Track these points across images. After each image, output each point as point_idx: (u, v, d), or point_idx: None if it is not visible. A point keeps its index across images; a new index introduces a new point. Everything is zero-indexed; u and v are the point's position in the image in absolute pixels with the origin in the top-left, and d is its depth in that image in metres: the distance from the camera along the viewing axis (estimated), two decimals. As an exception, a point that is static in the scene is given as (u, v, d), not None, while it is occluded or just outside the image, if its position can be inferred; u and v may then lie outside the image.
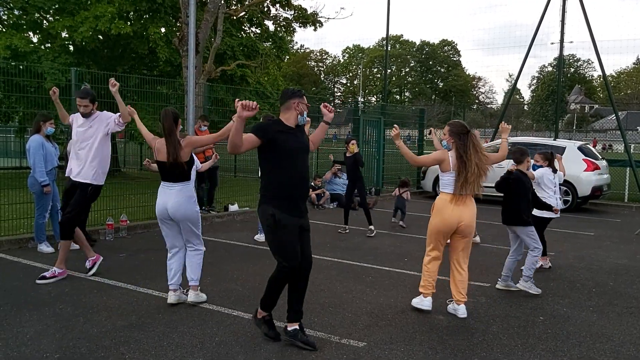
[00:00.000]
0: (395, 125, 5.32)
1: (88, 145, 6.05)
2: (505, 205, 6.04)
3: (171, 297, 5.21)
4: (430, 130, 5.94)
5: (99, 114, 6.13)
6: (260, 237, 8.28)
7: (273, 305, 4.39)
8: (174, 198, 5.08)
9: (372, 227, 9.21)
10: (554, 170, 7.00)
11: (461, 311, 5.11)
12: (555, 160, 7.14)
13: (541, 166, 6.99)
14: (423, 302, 5.26)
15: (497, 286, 6.10)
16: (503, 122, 5.96)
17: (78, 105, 6.04)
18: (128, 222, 8.58)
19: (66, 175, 6.27)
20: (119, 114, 6.06)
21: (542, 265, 6.98)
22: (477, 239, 8.38)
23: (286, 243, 4.17)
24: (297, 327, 4.33)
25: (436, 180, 14.70)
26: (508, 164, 6.65)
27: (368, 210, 9.35)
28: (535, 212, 6.61)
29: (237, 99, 4.18)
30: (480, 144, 5.13)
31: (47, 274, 5.92)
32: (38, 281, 5.79)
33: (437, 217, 5.13)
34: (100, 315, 4.83)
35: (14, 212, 8.06)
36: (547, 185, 6.87)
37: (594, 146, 24.88)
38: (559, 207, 6.79)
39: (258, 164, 4.42)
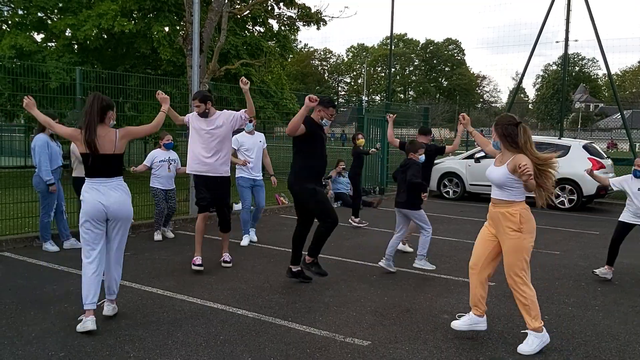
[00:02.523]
0: (462, 114, 5.33)
1: (212, 142, 6.30)
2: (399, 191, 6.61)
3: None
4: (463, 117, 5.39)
5: (210, 111, 6.30)
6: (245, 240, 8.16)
7: (318, 252, 5.92)
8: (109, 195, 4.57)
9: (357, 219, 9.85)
10: None
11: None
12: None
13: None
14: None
15: (381, 264, 6.62)
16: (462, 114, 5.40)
17: (194, 106, 6.32)
18: (133, 221, 8.57)
19: (203, 172, 6.38)
20: (244, 110, 6.29)
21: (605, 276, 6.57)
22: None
23: (327, 204, 5.86)
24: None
25: (441, 178, 14.65)
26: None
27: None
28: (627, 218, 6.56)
29: (309, 95, 5.48)
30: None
31: (227, 258, 6.71)
32: (224, 264, 6.62)
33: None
34: (105, 314, 4.83)
35: (19, 211, 8.09)
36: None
37: (610, 147, 24.80)
38: None
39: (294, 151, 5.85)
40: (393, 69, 74.34)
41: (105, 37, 15.47)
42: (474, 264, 4.59)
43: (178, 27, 15.30)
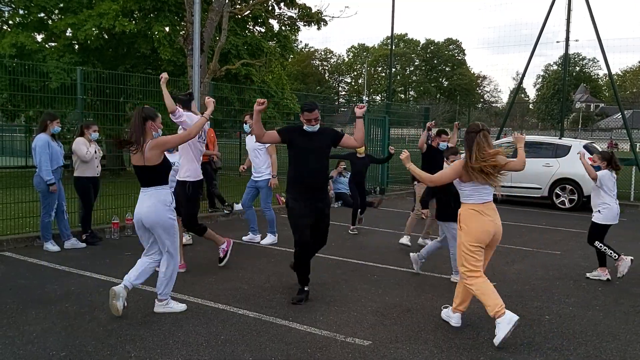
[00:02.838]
0: (404, 150, 5.06)
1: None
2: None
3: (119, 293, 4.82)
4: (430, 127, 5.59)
5: (179, 114, 6.19)
6: (254, 237, 8.21)
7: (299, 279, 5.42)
8: (143, 204, 4.79)
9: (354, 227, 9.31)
10: (616, 171, 6.55)
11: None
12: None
13: (599, 167, 6.53)
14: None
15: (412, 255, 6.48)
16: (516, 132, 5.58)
17: None
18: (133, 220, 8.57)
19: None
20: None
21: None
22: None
23: (298, 225, 5.30)
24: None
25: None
26: None
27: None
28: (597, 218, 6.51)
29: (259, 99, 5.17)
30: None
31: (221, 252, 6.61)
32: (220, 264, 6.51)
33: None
34: (106, 314, 4.84)
35: (20, 211, 8.09)
36: (610, 188, 6.47)
37: (610, 147, 24.78)
38: (618, 213, 6.55)
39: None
40: (394, 69, 74.25)
41: (106, 37, 15.48)
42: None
43: (178, 27, 15.31)
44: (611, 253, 6.46)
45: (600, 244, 6.51)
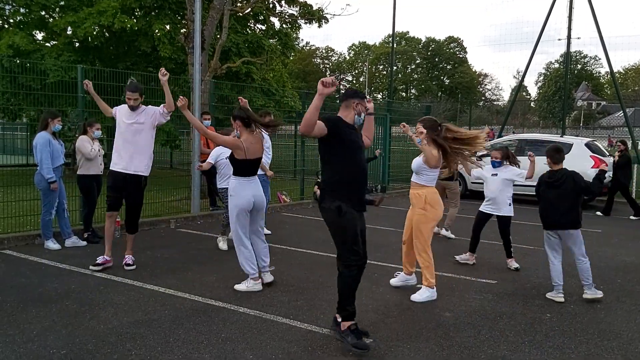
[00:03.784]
0: (402, 123, 5.50)
1: (133, 137, 6.17)
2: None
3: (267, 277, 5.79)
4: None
5: (145, 107, 6.24)
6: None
7: (345, 309, 4.32)
8: (259, 189, 5.64)
9: None
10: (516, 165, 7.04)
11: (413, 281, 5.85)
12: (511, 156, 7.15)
13: (500, 162, 6.99)
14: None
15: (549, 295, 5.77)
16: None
17: (127, 99, 6.14)
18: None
19: (111, 168, 6.29)
20: (163, 104, 6.19)
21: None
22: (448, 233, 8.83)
23: (350, 235, 4.23)
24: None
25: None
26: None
27: None
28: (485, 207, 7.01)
29: (322, 79, 3.95)
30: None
31: (129, 261, 6.37)
32: (91, 267, 6.20)
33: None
34: (107, 312, 4.84)
35: (21, 209, 8.09)
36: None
37: (610, 144, 24.73)
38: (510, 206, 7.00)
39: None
40: (395, 67, 74.27)
41: (107, 35, 15.47)
42: (405, 238, 5.86)
43: (179, 25, 15.29)
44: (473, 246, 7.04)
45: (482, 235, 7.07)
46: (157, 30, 14.38)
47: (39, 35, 16.16)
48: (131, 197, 6.28)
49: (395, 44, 22.34)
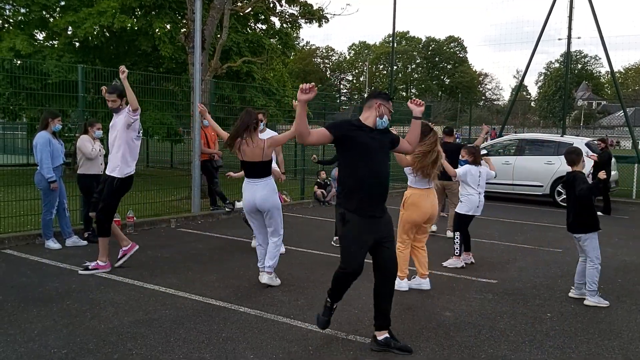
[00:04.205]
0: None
1: (113, 140, 6.20)
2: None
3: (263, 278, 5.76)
4: None
5: (123, 108, 6.20)
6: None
7: (335, 297, 4.42)
8: (259, 192, 5.62)
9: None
10: (477, 165, 6.98)
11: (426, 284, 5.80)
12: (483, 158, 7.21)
13: (467, 162, 6.99)
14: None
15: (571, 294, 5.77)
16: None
17: (107, 101, 6.15)
18: (135, 218, 8.59)
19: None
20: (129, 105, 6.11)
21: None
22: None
23: (349, 244, 4.06)
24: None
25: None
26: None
27: None
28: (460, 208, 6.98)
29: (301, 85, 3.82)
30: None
31: (90, 265, 6.15)
32: (81, 271, 6.06)
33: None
34: (107, 311, 4.85)
35: (21, 209, 8.10)
36: (473, 181, 6.88)
37: (609, 144, 24.76)
38: (481, 205, 6.96)
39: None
40: (395, 67, 74.29)
41: (107, 34, 15.46)
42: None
43: (180, 25, 15.29)
44: (457, 248, 6.87)
45: (458, 235, 6.90)
46: (157, 30, 14.37)
47: (40, 36, 16.14)
48: (103, 197, 6.20)
49: (395, 44, 22.34)
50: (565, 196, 11.92)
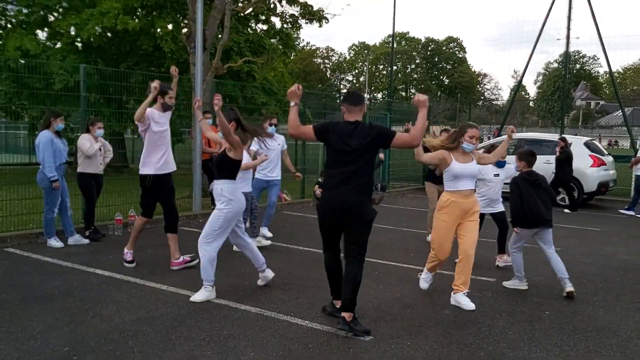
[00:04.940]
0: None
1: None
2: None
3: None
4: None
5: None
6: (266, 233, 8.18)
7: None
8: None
9: None
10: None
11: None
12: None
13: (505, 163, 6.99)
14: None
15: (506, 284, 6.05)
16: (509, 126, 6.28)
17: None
18: (136, 217, 8.60)
19: None
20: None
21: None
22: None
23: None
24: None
25: None
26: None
27: None
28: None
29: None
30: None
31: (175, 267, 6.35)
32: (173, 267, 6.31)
33: None
34: (109, 309, 4.88)
35: (24, 208, 8.13)
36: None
37: (609, 144, 24.80)
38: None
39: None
40: (395, 67, 74.30)
41: (109, 35, 15.49)
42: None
43: (182, 25, 15.34)
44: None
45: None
46: (159, 29, 14.41)
47: (42, 35, 16.17)
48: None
49: (395, 44, 22.36)
50: (563, 195, 12.02)
